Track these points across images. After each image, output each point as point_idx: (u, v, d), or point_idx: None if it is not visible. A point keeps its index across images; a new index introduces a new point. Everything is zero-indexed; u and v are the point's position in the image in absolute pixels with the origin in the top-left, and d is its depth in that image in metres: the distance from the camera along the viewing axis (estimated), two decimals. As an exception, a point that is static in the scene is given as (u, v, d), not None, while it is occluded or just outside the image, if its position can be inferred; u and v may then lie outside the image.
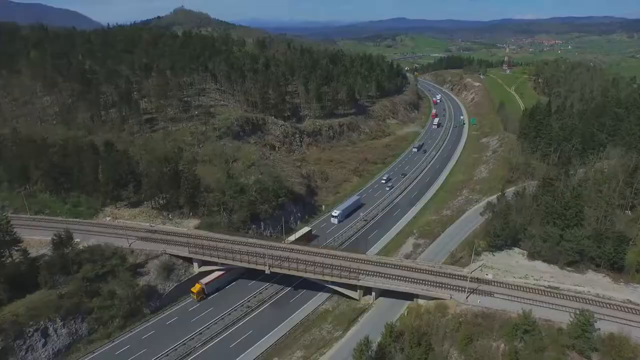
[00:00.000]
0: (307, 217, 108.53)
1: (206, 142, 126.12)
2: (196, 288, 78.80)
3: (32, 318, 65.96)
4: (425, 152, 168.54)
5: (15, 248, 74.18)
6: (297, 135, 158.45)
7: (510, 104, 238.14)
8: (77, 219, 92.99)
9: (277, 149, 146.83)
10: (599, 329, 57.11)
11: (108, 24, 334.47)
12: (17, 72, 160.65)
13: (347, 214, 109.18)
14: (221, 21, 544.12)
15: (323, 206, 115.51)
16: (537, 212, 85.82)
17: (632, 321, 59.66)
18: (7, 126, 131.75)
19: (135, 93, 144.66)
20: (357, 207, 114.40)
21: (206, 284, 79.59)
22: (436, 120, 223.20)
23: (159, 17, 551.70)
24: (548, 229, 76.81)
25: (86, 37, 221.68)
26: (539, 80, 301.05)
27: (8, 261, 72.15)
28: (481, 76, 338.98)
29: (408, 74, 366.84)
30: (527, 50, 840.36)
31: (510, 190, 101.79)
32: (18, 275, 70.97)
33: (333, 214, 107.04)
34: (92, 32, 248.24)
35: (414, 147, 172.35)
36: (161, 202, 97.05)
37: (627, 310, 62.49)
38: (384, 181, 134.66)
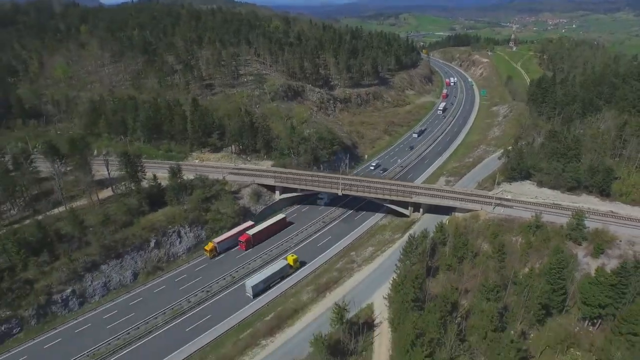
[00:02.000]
0: (354, 164, 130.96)
1: (261, 103, 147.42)
2: (209, 246, 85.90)
3: (169, 224, 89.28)
4: (412, 148, 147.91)
5: (144, 177, 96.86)
6: (331, 102, 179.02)
7: (517, 78, 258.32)
8: (172, 162, 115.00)
9: (314, 112, 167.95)
10: (589, 227, 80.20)
11: (131, 0, 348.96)
12: (81, 45, 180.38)
13: (333, 197, 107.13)
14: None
15: (366, 155, 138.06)
16: (544, 155, 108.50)
17: (612, 221, 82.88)
18: (85, 90, 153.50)
19: (192, 62, 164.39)
20: None
21: (218, 242, 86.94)
22: (442, 104, 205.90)
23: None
24: (553, 164, 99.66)
25: (129, 12, 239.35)
26: (544, 57, 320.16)
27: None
28: (489, 53, 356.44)
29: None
30: (531, 30, 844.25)
31: (521, 143, 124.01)
32: (150, 195, 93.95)
33: (320, 196, 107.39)
34: (133, 6, 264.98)
35: (414, 133, 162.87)
36: (240, 147, 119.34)
37: (609, 216, 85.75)
38: (372, 167, 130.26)
